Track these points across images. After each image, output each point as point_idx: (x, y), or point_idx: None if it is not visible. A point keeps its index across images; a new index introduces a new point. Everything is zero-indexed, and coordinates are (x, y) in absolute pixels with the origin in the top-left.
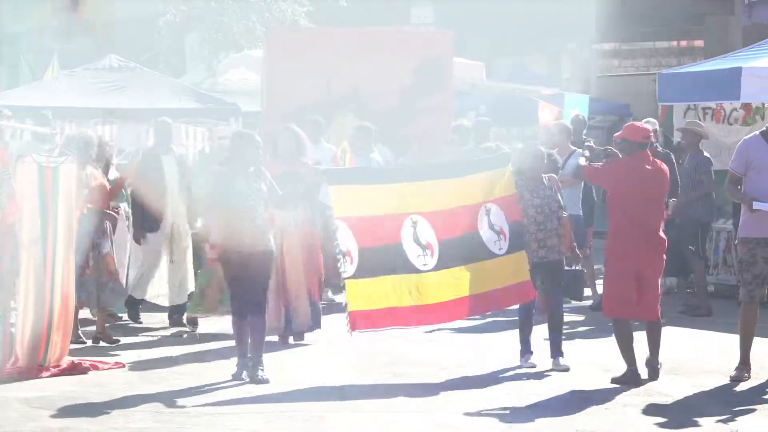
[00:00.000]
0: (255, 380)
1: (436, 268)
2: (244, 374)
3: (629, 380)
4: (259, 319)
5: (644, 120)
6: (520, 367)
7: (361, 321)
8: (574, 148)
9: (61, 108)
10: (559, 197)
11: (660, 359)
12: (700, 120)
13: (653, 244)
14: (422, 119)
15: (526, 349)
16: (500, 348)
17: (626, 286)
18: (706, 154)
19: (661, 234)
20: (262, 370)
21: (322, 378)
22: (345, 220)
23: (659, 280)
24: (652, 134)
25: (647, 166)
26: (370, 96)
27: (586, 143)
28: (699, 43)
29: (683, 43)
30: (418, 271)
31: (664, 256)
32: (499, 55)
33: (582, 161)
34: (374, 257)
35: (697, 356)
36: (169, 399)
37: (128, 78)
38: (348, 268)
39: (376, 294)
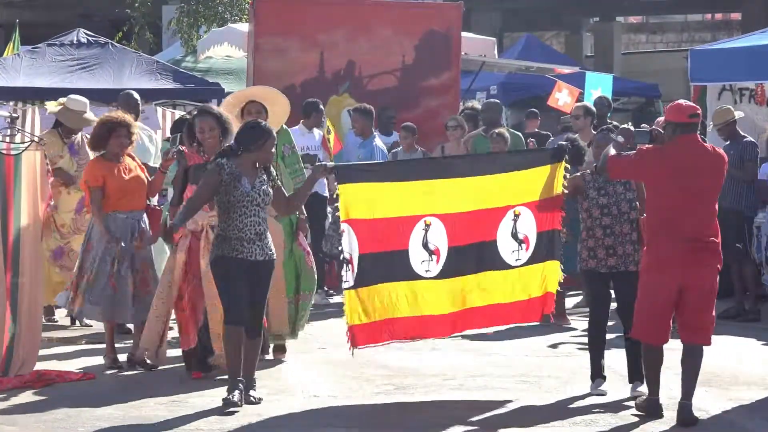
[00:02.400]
0: (248, 402)
1: (439, 276)
2: (236, 396)
3: (649, 412)
4: (258, 336)
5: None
6: (589, 394)
7: (361, 336)
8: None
9: (21, 89)
10: (633, 196)
11: (677, 373)
12: (737, 102)
13: (702, 251)
14: (426, 101)
15: (596, 373)
16: (512, 355)
17: (662, 304)
18: (749, 138)
19: (714, 238)
20: (254, 389)
21: (317, 390)
22: (352, 224)
23: (712, 295)
24: (699, 112)
25: (696, 153)
26: (368, 75)
27: (617, 125)
28: (736, 16)
29: (718, 16)
30: (419, 277)
31: (719, 266)
32: (512, 30)
33: (612, 151)
34: (375, 264)
35: (735, 366)
36: (142, 416)
37: (98, 55)
38: (349, 277)
39: (373, 305)
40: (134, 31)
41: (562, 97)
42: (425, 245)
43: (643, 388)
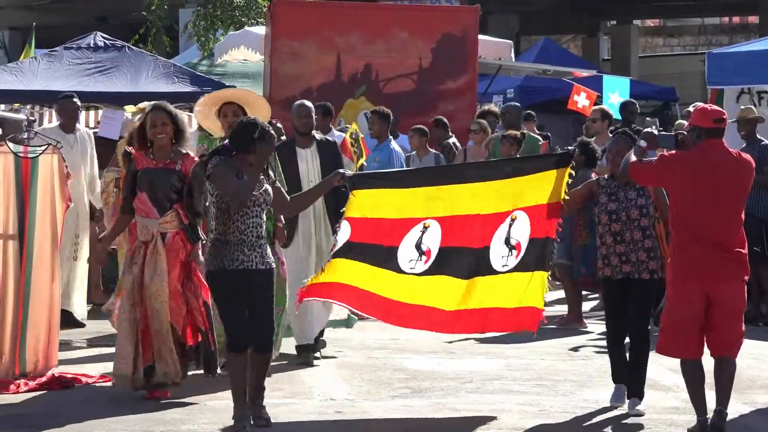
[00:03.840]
0: (258, 425)
1: (423, 273)
2: (247, 427)
3: None
4: (269, 351)
5: (692, 105)
6: (612, 407)
7: (311, 290)
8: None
9: (38, 92)
10: (645, 202)
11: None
12: (756, 106)
13: (730, 262)
14: (442, 104)
15: (617, 378)
16: (528, 359)
17: (689, 317)
18: (766, 141)
19: (740, 248)
20: (264, 408)
21: (333, 392)
22: (351, 221)
23: (741, 308)
24: (725, 117)
25: (721, 159)
26: (385, 78)
27: (640, 130)
28: (753, 19)
29: (735, 19)
30: (401, 272)
31: (746, 277)
32: (528, 34)
33: (632, 157)
34: (361, 251)
35: (753, 370)
36: (158, 419)
37: (115, 58)
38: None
39: (335, 271)
40: (150, 35)
41: (581, 100)
42: (418, 246)
43: (642, 407)
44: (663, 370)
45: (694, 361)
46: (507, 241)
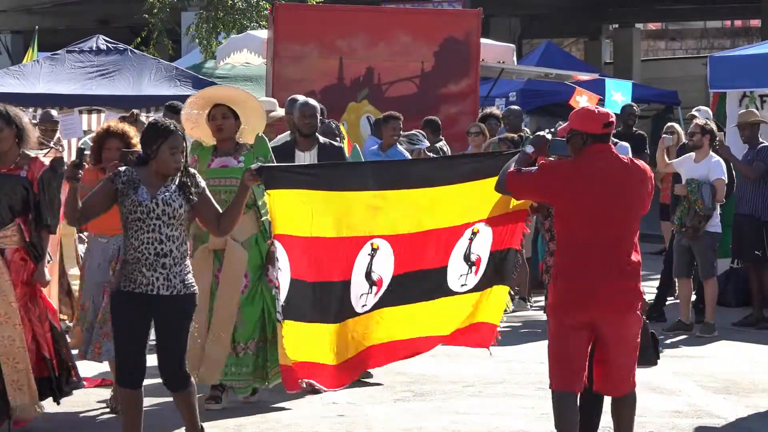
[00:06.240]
0: None
1: (374, 308)
2: None
3: None
4: (184, 387)
5: (695, 108)
6: None
7: (303, 372)
8: (615, 140)
9: (40, 95)
10: None
11: (695, 380)
12: (758, 109)
13: (619, 285)
14: (445, 108)
15: None
16: (529, 362)
17: (575, 348)
18: (765, 143)
19: (634, 266)
20: None
21: (336, 396)
22: (283, 240)
23: (634, 334)
24: (613, 120)
25: (610, 167)
26: (387, 81)
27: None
28: (755, 22)
29: (738, 22)
30: (353, 314)
31: (640, 302)
32: (531, 37)
33: (512, 165)
34: (307, 296)
35: (754, 373)
36: (156, 425)
37: (117, 61)
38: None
39: (315, 344)
40: (152, 38)
41: (582, 102)
42: (368, 275)
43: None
44: (665, 374)
45: (573, 396)
46: (467, 258)
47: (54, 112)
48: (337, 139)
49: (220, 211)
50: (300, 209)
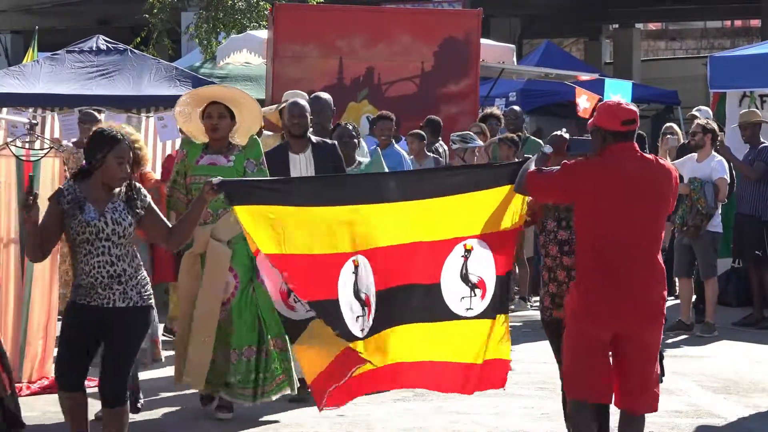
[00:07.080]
0: None
1: (370, 333)
2: None
3: None
4: (119, 405)
5: (695, 108)
6: None
7: (332, 396)
8: None
9: (40, 95)
10: None
11: (695, 380)
12: (758, 109)
13: (649, 290)
14: (445, 108)
15: None
16: (530, 363)
17: (593, 357)
18: (766, 143)
19: (660, 270)
20: None
21: None
22: (260, 257)
23: (658, 343)
24: (636, 118)
25: (634, 166)
26: (387, 81)
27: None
28: (755, 22)
29: (738, 22)
30: (354, 338)
31: (664, 309)
32: (531, 37)
33: (531, 166)
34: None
35: (754, 373)
36: (155, 423)
37: (117, 61)
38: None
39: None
40: (152, 38)
41: (582, 103)
42: (356, 294)
43: None
44: (667, 374)
45: (587, 406)
46: (465, 278)
47: (94, 113)
48: (355, 141)
49: (168, 224)
50: (269, 225)
